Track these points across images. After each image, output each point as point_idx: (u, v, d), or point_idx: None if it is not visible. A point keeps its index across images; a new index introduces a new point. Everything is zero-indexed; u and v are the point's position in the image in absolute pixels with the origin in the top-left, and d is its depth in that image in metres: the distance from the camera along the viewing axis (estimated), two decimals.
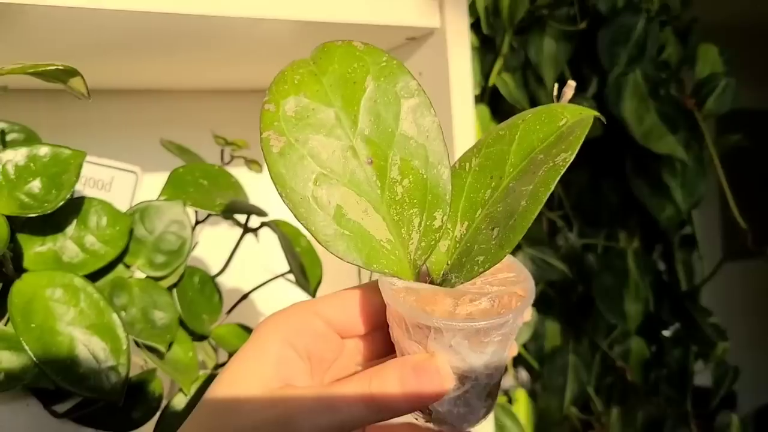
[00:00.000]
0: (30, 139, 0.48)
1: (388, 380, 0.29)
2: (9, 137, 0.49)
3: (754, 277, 2.11)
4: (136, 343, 0.44)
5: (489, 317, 0.28)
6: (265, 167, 0.66)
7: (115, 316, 0.41)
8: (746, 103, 0.87)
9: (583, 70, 0.82)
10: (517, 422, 0.70)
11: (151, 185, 0.55)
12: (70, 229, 0.43)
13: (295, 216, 0.30)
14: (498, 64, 0.77)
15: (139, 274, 0.47)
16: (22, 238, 0.42)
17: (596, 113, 0.31)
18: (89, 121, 0.72)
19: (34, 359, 0.38)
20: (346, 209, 0.30)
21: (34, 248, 0.42)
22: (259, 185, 0.63)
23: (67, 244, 0.43)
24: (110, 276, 0.45)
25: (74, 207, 0.43)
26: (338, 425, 0.29)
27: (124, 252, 0.45)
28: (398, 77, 0.31)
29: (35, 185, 0.40)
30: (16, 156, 0.40)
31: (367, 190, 0.31)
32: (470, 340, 0.28)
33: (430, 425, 0.32)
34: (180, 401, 0.47)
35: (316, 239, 0.30)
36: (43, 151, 0.40)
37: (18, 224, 0.42)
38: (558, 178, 0.28)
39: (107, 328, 0.40)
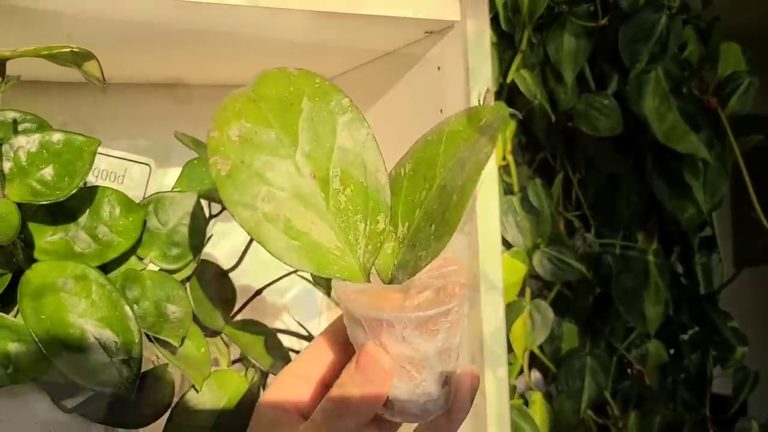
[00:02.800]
0: (42, 128, 0.47)
1: (344, 383, 0.32)
2: (21, 126, 0.48)
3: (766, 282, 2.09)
4: (148, 337, 0.43)
5: (435, 306, 0.30)
6: None
7: (127, 308, 0.40)
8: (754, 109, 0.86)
9: (603, 67, 0.81)
10: (534, 425, 0.68)
11: (164, 181, 0.54)
12: (83, 219, 0.42)
13: (247, 232, 0.32)
14: (517, 60, 0.76)
15: (152, 267, 0.46)
16: (33, 227, 0.41)
17: (512, 111, 0.35)
18: (102, 114, 0.72)
19: (44, 351, 0.37)
20: (295, 221, 0.33)
21: (46, 237, 0.41)
22: None
23: (79, 233, 0.42)
24: (122, 268, 0.44)
25: (87, 196, 0.42)
26: None
27: (137, 243, 0.44)
28: (331, 96, 0.34)
29: (47, 172, 0.39)
30: (29, 142, 0.39)
31: (312, 202, 0.33)
32: (420, 329, 0.30)
33: (395, 419, 0.33)
34: (191, 397, 0.46)
35: (269, 252, 0.32)
36: (56, 137, 0.39)
37: (29, 213, 0.41)
38: (483, 169, 0.30)
39: (119, 321, 0.39)
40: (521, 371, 0.76)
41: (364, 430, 0.34)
